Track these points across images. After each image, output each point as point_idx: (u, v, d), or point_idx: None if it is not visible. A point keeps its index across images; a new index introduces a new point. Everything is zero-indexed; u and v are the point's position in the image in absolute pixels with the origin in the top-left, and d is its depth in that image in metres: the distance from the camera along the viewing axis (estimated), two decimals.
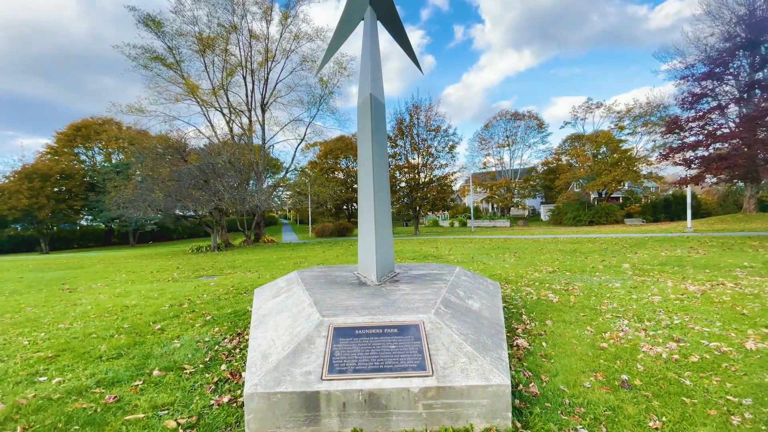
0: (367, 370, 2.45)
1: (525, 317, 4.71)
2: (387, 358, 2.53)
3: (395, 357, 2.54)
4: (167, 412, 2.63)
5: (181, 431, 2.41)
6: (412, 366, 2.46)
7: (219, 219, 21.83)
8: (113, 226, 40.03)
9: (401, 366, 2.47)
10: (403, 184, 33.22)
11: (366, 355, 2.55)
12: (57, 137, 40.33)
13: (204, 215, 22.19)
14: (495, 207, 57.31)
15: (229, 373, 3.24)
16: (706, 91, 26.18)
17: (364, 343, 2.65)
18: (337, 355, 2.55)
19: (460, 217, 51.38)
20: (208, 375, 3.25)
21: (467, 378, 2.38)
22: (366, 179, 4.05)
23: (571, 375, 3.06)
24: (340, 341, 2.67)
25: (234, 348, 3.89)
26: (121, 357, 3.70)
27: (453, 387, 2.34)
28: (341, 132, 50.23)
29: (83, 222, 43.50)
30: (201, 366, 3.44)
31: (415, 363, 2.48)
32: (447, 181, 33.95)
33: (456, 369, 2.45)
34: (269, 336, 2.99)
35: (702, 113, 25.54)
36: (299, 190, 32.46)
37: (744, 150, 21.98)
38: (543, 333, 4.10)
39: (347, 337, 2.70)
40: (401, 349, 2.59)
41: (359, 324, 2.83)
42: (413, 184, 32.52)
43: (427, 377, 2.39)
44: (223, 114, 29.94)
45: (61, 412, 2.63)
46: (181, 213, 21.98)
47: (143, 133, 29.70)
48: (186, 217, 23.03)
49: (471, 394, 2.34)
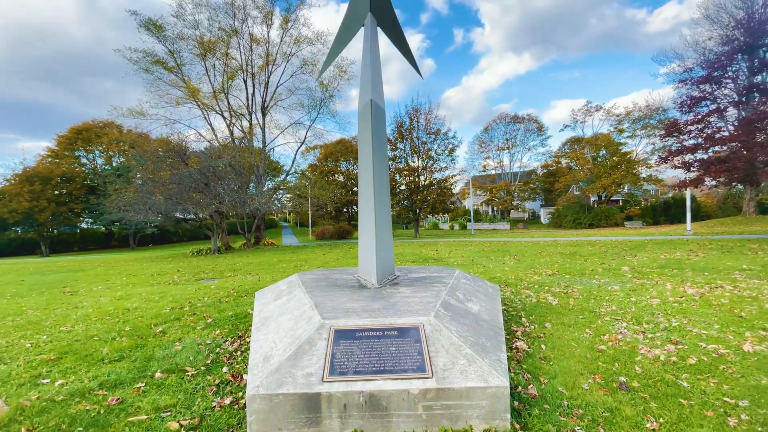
0: (368, 371, 2.48)
1: (524, 320, 4.74)
2: (387, 360, 2.56)
3: (395, 359, 2.56)
4: (170, 413, 2.66)
5: None
6: (412, 368, 2.49)
7: (219, 222, 21.86)
8: (113, 229, 40.15)
9: (401, 368, 2.50)
10: (403, 186, 33.28)
11: (366, 357, 2.58)
12: (58, 140, 40.47)
13: (204, 218, 22.23)
14: (495, 210, 57.34)
15: (231, 376, 3.26)
16: (704, 95, 26.31)
17: (364, 346, 2.68)
18: (338, 357, 2.58)
19: (460, 220, 51.38)
20: (209, 377, 3.27)
21: (466, 380, 2.41)
22: (366, 183, 4.09)
23: (570, 377, 3.09)
24: (340, 343, 2.70)
25: (235, 350, 3.92)
26: (123, 359, 3.72)
27: (452, 388, 2.37)
28: (341, 135, 50.46)
29: (83, 225, 43.60)
30: (203, 368, 3.47)
31: (415, 365, 2.51)
32: (447, 184, 34.06)
33: (455, 371, 2.48)
34: (271, 338, 3.02)
35: (701, 116, 25.67)
36: (299, 192, 32.52)
37: (743, 153, 22.08)
38: (542, 335, 4.12)
39: (348, 340, 2.73)
40: (401, 351, 2.62)
41: (360, 326, 2.86)
42: (413, 186, 32.58)
43: (427, 379, 2.41)
44: (224, 117, 30.07)
45: (65, 413, 2.66)
46: (182, 216, 22.03)
47: (144, 136, 29.85)
48: (186, 220, 23.07)
49: (470, 395, 2.36)
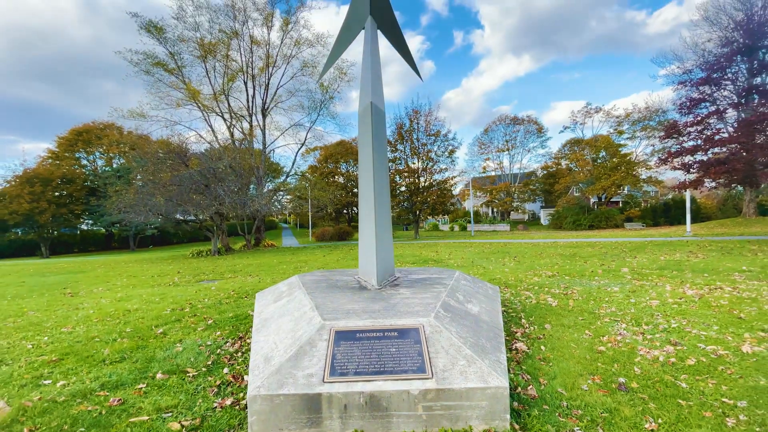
0: (368, 372, 2.49)
1: (524, 321, 4.75)
2: (387, 360, 2.58)
3: (395, 360, 2.58)
4: (171, 414, 2.67)
5: None
6: (412, 368, 2.51)
7: (219, 223, 21.89)
8: (114, 230, 40.20)
9: (401, 368, 2.51)
10: (403, 188, 33.34)
11: (367, 358, 2.60)
12: (58, 142, 40.57)
13: (204, 219, 22.25)
14: (495, 211, 57.37)
15: (232, 376, 3.28)
16: (704, 96, 26.37)
17: (365, 346, 2.70)
18: (339, 358, 2.59)
19: (460, 221, 51.41)
20: (210, 378, 3.29)
21: (466, 380, 2.43)
22: (366, 184, 4.11)
23: (569, 378, 3.10)
24: (341, 344, 2.71)
25: (236, 351, 3.93)
26: (125, 360, 3.74)
27: (452, 389, 2.38)
28: (341, 136, 50.44)
29: (84, 226, 43.63)
30: (204, 369, 3.48)
31: (415, 366, 2.53)
32: (447, 186, 34.10)
33: (455, 371, 2.49)
34: (271, 339, 3.03)
35: (700, 118, 25.72)
36: (299, 194, 32.54)
37: (742, 154, 22.11)
38: (542, 337, 4.14)
39: (348, 341, 2.75)
40: (401, 352, 2.64)
41: (360, 327, 2.87)
42: (413, 188, 32.64)
43: (427, 379, 2.43)
44: (224, 119, 30.13)
45: (67, 414, 2.67)
46: (182, 217, 22.05)
47: (144, 138, 29.90)
48: (186, 222, 23.11)
49: (470, 396, 2.38)
